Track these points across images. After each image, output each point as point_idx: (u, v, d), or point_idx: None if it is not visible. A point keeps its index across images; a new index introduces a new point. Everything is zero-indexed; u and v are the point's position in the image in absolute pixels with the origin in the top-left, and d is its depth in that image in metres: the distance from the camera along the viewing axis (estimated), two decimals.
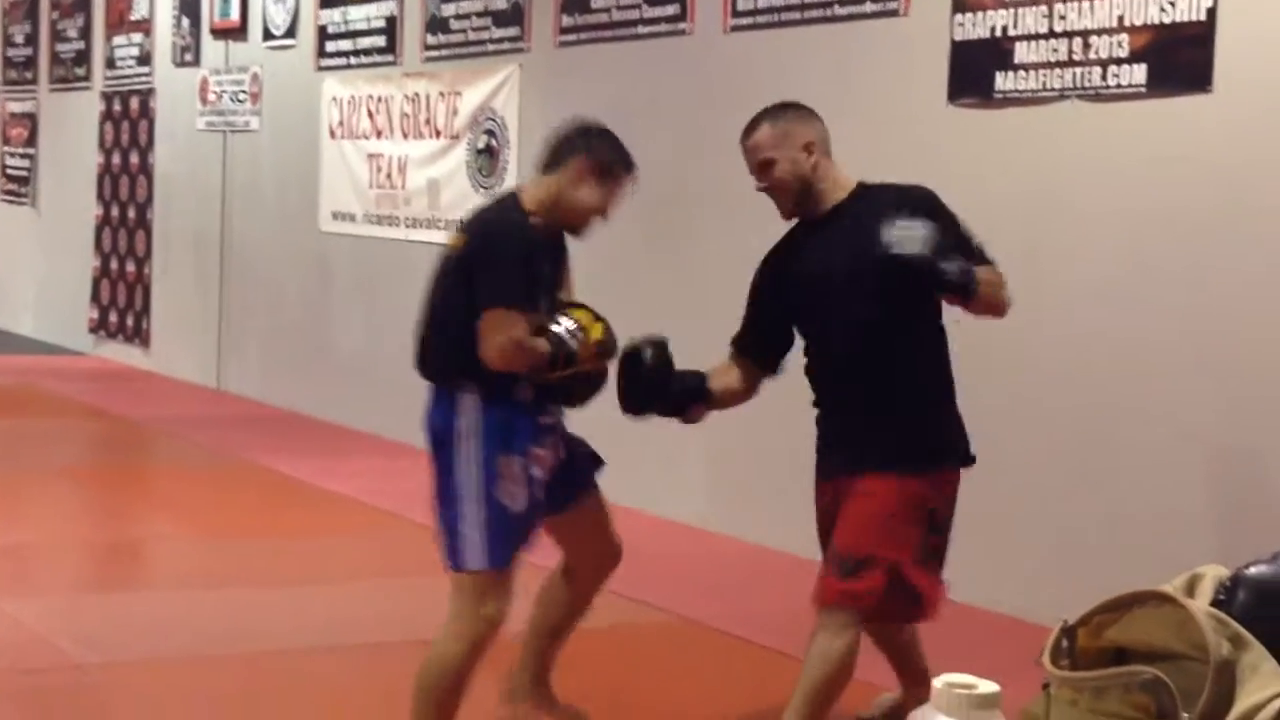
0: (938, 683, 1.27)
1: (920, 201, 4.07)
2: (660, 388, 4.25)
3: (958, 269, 3.87)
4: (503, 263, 3.99)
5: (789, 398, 7.33)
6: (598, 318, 4.16)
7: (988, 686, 1.27)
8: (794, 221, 4.31)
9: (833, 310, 4.13)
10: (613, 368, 4.22)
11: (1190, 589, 1.37)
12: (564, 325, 4.06)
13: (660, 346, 4.27)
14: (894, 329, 4.07)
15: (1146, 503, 5.64)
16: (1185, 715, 1.27)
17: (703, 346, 8.20)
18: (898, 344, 4.08)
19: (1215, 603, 1.36)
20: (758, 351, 4.42)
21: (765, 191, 4.21)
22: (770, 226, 4.31)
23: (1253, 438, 5.36)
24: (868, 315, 4.06)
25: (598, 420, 4.19)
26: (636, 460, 7.98)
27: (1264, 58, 5.35)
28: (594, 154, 4.20)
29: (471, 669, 3.99)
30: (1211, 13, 5.46)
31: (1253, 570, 1.37)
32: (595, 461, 4.41)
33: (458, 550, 3.99)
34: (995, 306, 4.05)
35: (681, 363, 4.43)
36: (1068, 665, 1.32)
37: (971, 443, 4.19)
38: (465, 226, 4.23)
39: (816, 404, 4.28)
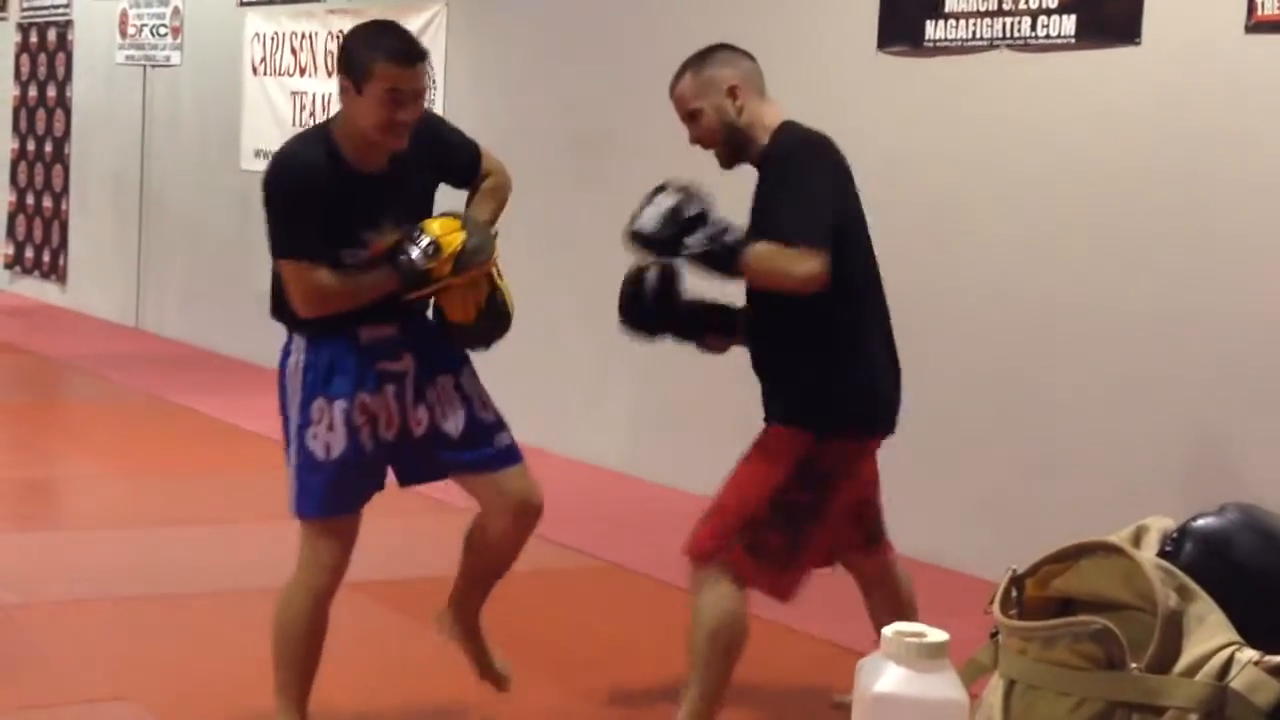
0: (887, 631, 1.27)
1: (772, 159, 3.83)
2: (659, 311, 4.01)
3: (702, 245, 3.72)
4: (276, 213, 3.74)
5: None
6: (463, 227, 3.75)
7: (936, 635, 1.27)
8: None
9: None
10: (533, 303, 4.07)
11: (1137, 540, 1.37)
12: (417, 245, 3.67)
13: (667, 271, 3.97)
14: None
15: (1070, 453, 5.70)
16: (1133, 665, 1.27)
17: (612, 318, 8.17)
18: (778, 303, 3.78)
19: (1162, 554, 1.36)
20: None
21: (698, 143, 4.01)
22: (702, 165, 4.25)
23: (1174, 388, 5.42)
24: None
25: (520, 366, 4.05)
26: (560, 405, 7.98)
27: (1192, 11, 5.37)
28: (344, 63, 3.69)
29: (317, 617, 3.83)
30: None
31: (1199, 522, 1.38)
32: (504, 451, 3.96)
33: (290, 495, 3.84)
34: (777, 278, 3.69)
35: (589, 323, 4.33)
36: (1016, 615, 1.32)
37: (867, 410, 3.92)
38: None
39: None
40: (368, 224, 3.73)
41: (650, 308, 4.00)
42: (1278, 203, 5.15)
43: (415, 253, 3.66)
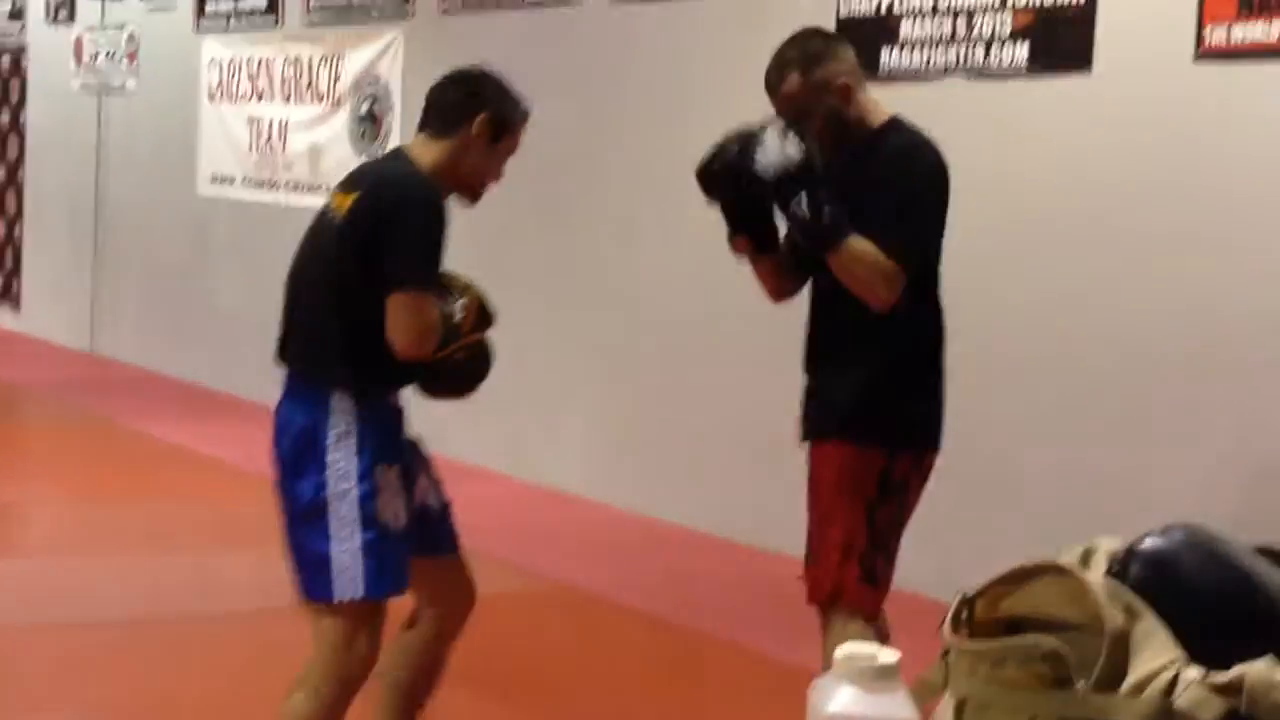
0: (839, 654, 1.28)
1: (898, 160, 3.64)
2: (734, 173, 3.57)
3: (808, 210, 3.45)
4: (422, 238, 3.39)
5: (667, 370, 7.35)
6: (468, 284, 3.65)
7: (888, 655, 1.28)
8: None
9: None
10: (493, 331, 3.87)
11: (1085, 561, 1.39)
12: (451, 301, 3.53)
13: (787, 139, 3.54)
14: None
15: (1019, 477, 5.73)
16: (1081, 683, 1.28)
17: (592, 306, 8.20)
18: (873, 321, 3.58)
19: (1110, 574, 1.38)
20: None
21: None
22: (656, 192, 4.25)
23: (1120, 414, 5.46)
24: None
25: (480, 393, 3.85)
26: (518, 431, 7.97)
27: (1143, 40, 5.42)
28: (498, 112, 3.59)
29: (341, 713, 3.42)
30: None
31: (1146, 543, 1.40)
32: (452, 537, 3.70)
33: (327, 579, 3.36)
34: (860, 284, 3.50)
35: (546, 347, 4.15)
36: (966, 635, 1.34)
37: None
38: (357, 188, 3.50)
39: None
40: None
41: (729, 168, 3.59)
42: (1223, 223, 5.21)
43: (453, 309, 3.52)
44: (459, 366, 3.59)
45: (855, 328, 3.61)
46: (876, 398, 3.62)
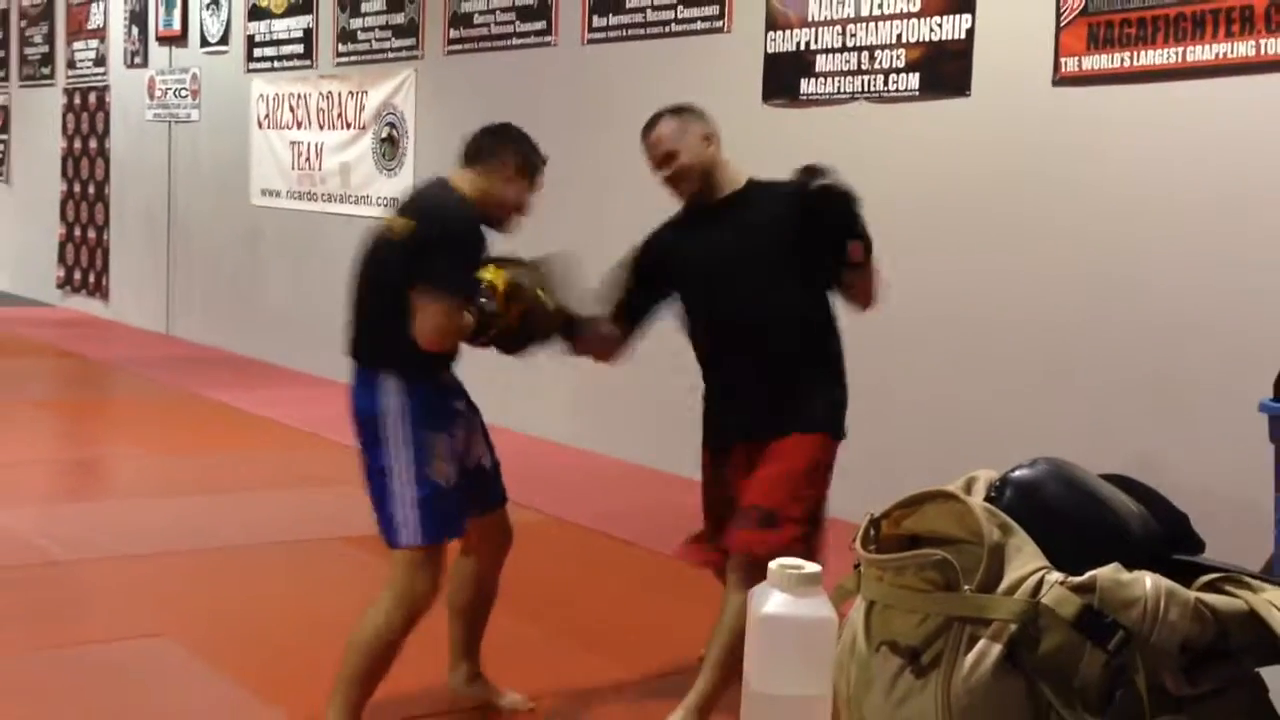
0: (773, 565, 1.27)
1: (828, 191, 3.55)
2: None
3: (864, 225, 3.46)
4: (458, 252, 3.40)
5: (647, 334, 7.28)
6: (499, 266, 3.57)
7: (811, 567, 1.28)
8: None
9: (737, 285, 3.61)
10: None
11: (968, 489, 1.39)
12: (482, 293, 3.48)
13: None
14: (805, 304, 3.59)
15: (915, 423, 5.74)
16: (966, 587, 1.28)
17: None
18: (805, 317, 3.58)
19: (988, 499, 1.38)
20: (630, 320, 3.91)
21: (668, 181, 3.70)
22: (628, 208, 4.23)
23: (994, 378, 5.48)
24: (774, 289, 3.56)
25: (472, 357, 3.76)
26: (505, 387, 7.96)
27: (1011, 69, 5.43)
28: (524, 154, 3.61)
29: (403, 639, 3.43)
30: (970, 33, 5.53)
31: (1017, 473, 1.40)
32: (501, 492, 3.74)
33: (394, 529, 3.39)
34: (870, 289, 3.54)
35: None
36: (874, 549, 1.33)
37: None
38: (410, 210, 3.50)
39: (707, 375, 3.79)
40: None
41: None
42: (1074, 214, 5.22)
43: (483, 300, 3.47)
44: (509, 334, 3.59)
45: (804, 347, 3.61)
46: (828, 398, 3.61)
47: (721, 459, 3.70)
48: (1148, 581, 1.29)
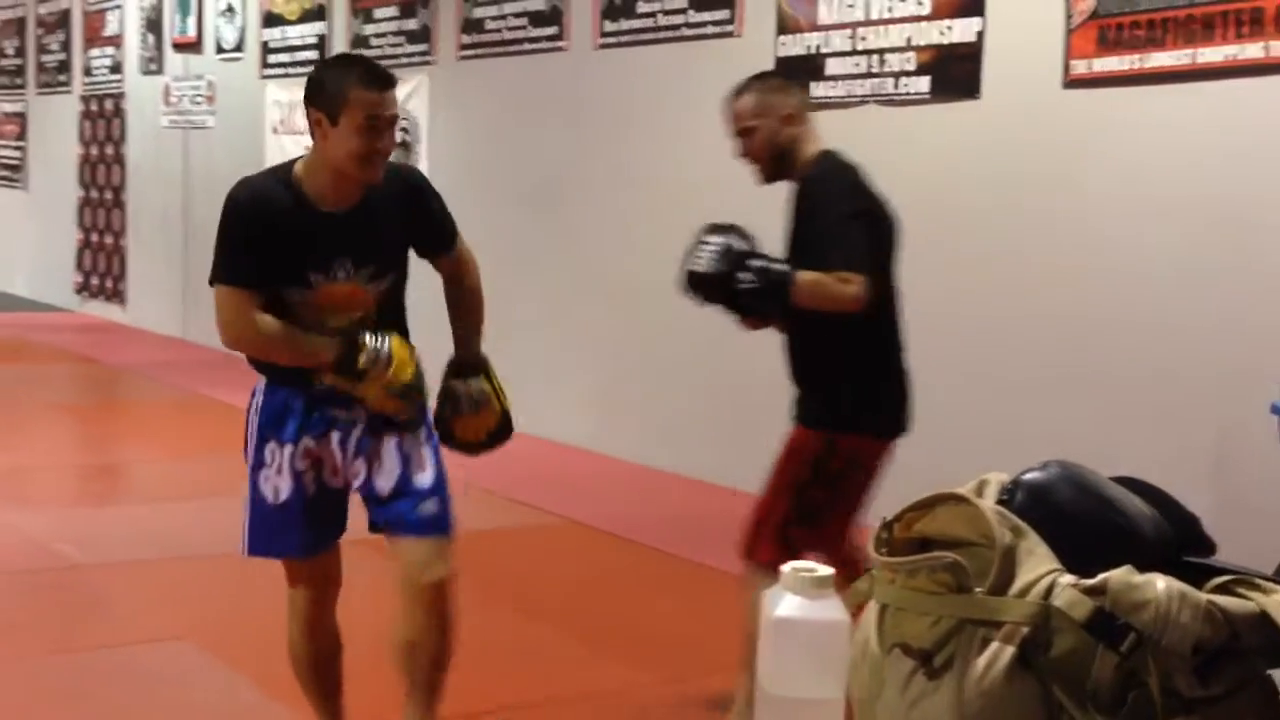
0: (785, 569, 1.28)
1: (813, 185, 3.45)
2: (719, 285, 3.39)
3: (754, 281, 3.27)
4: (223, 239, 2.97)
5: (649, 341, 7.31)
6: (413, 359, 3.04)
7: (824, 570, 1.28)
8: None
9: None
10: (504, 309, 3.58)
11: (979, 491, 1.39)
12: (378, 344, 2.98)
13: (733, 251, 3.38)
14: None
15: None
16: (978, 589, 1.28)
17: (587, 290, 8.17)
18: (809, 316, 3.37)
19: (999, 501, 1.38)
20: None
21: (743, 158, 3.53)
22: (641, 211, 4.23)
23: (1007, 379, 5.46)
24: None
25: (494, 363, 3.70)
26: (527, 393, 7.96)
27: (1021, 71, 5.42)
28: (315, 97, 2.93)
29: (314, 648, 3.19)
30: (981, 35, 5.53)
31: (1028, 476, 1.40)
32: (423, 519, 3.09)
33: (242, 535, 3.17)
34: (821, 304, 3.30)
35: (548, 327, 3.95)
36: (886, 553, 1.33)
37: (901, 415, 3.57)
38: None
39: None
40: (319, 264, 2.95)
41: (712, 280, 3.39)
42: (1083, 213, 5.21)
43: (371, 353, 2.97)
44: (376, 396, 3.02)
45: (825, 337, 3.43)
46: (828, 387, 3.47)
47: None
48: (1160, 584, 1.29)
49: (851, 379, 3.49)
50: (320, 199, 2.96)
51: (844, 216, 3.37)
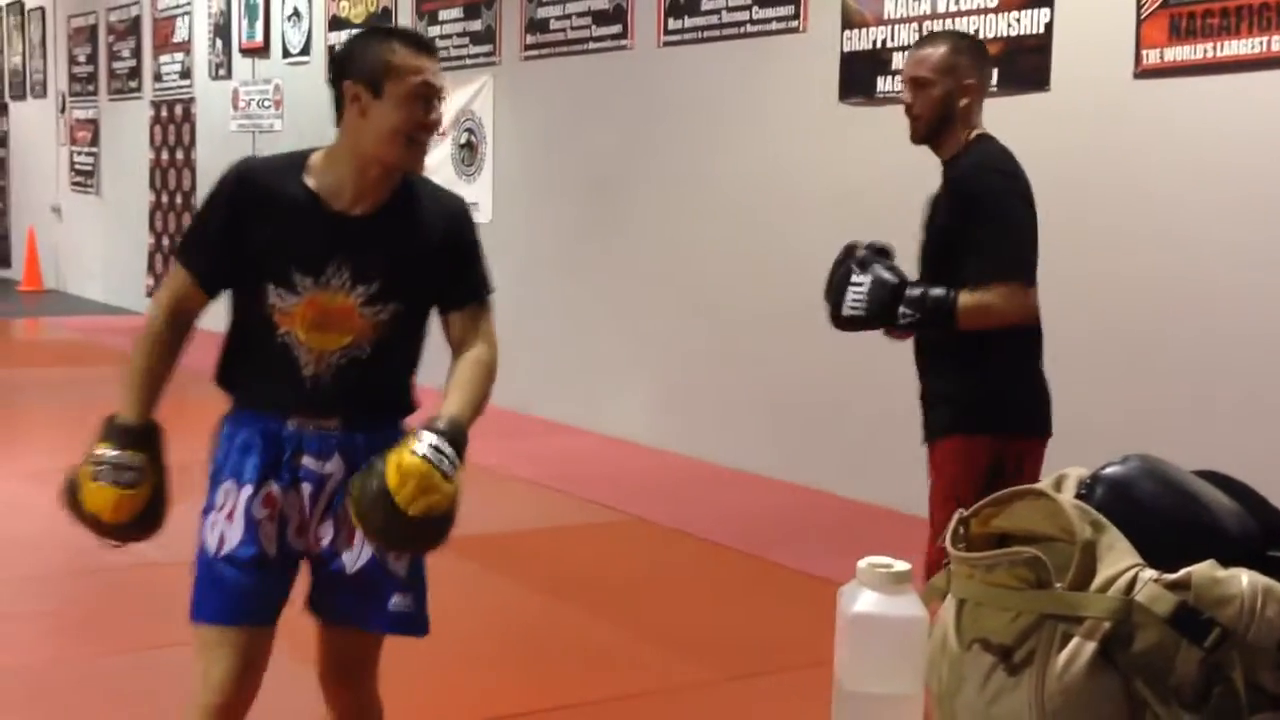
0: (861, 564, 1.27)
1: (970, 181, 3.23)
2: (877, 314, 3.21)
3: (915, 316, 3.10)
4: (201, 214, 2.61)
5: (712, 339, 7.30)
6: (408, 479, 2.29)
7: (901, 565, 1.28)
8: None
9: (927, 265, 3.28)
10: (567, 310, 3.46)
11: (1058, 486, 1.38)
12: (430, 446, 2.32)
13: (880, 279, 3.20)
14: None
15: None
16: (1058, 585, 1.27)
17: (648, 291, 8.18)
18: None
19: (1078, 496, 1.36)
20: None
21: (907, 108, 3.31)
22: (696, 216, 4.21)
23: (1088, 371, 5.40)
24: (938, 279, 3.19)
25: (557, 361, 3.68)
26: (590, 391, 7.98)
27: (1091, 63, 5.36)
28: (350, 69, 2.48)
29: None
30: (1049, 26, 5.47)
31: (1107, 470, 1.38)
32: (392, 616, 2.54)
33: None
34: (989, 324, 3.09)
35: (612, 325, 3.85)
36: (964, 548, 1.32)
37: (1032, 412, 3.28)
38: None
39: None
40: (309, 265, 2.47)
41: (871, 324, 3.23)
42: (1155, 212, 5.14)
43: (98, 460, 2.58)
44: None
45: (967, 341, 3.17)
46: (982, 389, 3.17)
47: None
48: (1244, 579, 1.27)
49: (1014, 378, 3.23)
50: (333, 195, 2.48)
51: (1012, 216, 3.16)
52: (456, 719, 3.49)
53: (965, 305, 3.07)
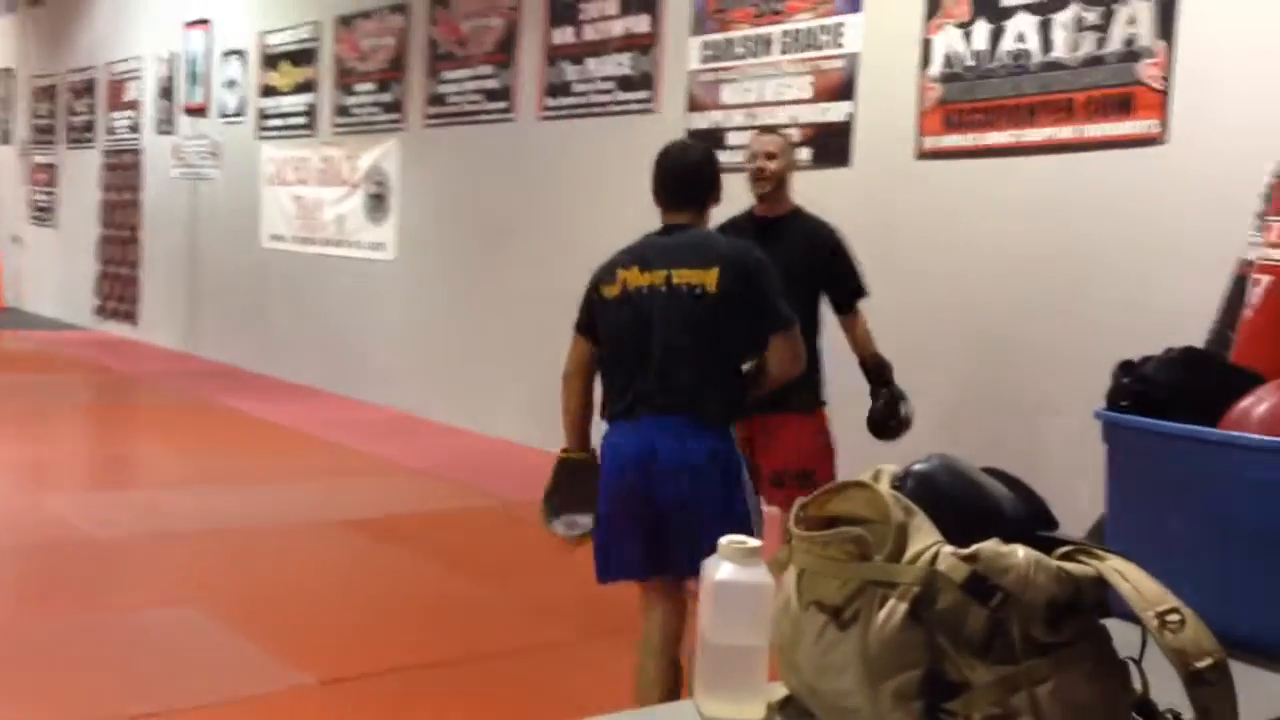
0: (722, 541, 1.27)
1: (825, 232, 3.93)
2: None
3: (907, 411, 3.87)
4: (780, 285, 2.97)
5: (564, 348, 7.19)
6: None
7: (754, 541, 1.27)
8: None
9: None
10: (462, 329, 3.62)
11: (876, 478, 1.39)
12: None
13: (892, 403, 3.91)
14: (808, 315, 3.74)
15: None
16: (877, 557, 1.28)
17: (512, 334, 8.11)
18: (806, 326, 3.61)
19: (893, 487, 1.38)
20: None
21: (755, 173, 3.85)
22: (568, 257, 4.20)
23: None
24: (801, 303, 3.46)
25: (452, 371, 3.74)
26: (473, 395, 7.90)
27: (882, 146, 5.49)
28: (715, 183, 3.20)
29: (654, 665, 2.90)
30: (851, 116, 5.59)
31: (916, 466, 1.40)
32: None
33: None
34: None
35: (494, 344, 3.95)
36: (804, 528, 1.33)
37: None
38: (713, 260, 2.89)
39: None
40: None
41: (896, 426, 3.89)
42: (939, 260, 5.27)
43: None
44: None
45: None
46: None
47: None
48: (1021, 553, 1.30)
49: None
50: None
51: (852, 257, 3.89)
52: (368, 665, 3.41)
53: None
